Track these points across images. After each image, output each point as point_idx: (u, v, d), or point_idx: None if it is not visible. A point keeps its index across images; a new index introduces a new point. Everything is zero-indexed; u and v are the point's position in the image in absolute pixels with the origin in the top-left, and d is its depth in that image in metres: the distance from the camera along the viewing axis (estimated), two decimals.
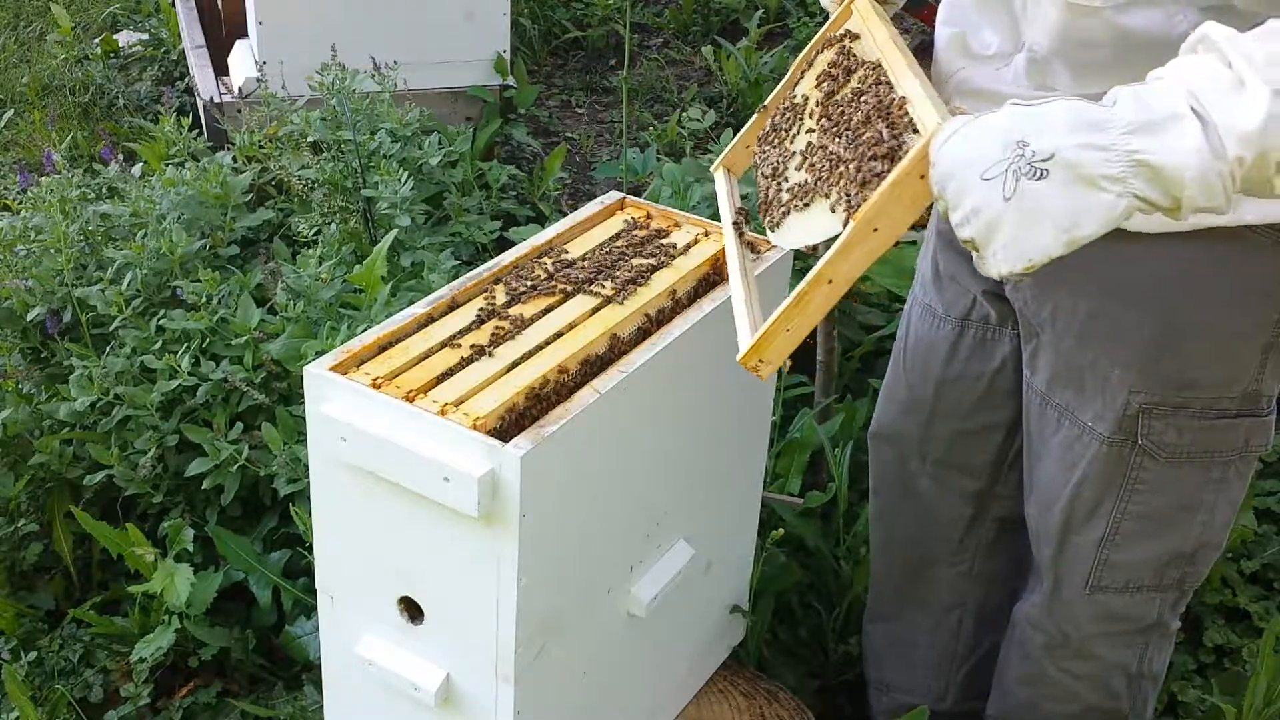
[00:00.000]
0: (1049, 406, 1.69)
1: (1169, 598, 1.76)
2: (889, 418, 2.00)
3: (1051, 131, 1.15)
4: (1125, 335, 1.57)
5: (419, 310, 1.60)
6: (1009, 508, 1.95)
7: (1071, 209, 1.15)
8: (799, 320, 1.31)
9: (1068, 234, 1.15)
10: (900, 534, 2.06)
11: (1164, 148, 1.13)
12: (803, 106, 1.58)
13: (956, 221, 1.20)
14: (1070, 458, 1.68)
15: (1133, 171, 1.14)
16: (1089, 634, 1.79)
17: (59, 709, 2.17)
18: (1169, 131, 1.13)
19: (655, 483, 1.69)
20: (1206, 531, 1.69)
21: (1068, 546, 1.74)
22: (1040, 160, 1.15)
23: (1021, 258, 1.17)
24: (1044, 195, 1.15)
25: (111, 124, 4.25)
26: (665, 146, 4.14)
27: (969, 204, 1.17)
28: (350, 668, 1.65)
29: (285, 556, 2.33)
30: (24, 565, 2.40)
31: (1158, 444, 1.61)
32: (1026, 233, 1.16)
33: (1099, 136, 1.14)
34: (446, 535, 1.44)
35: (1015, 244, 1.16)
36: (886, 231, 1.26)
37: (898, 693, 2.16)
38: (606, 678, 1.74)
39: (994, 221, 1.16)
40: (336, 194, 2.95)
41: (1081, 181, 1.14)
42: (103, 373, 2.41)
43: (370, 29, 3.71)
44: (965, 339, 1.85)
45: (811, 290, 1.29)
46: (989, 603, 2.06)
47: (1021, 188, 1.15)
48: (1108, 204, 1.15)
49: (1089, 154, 1.14)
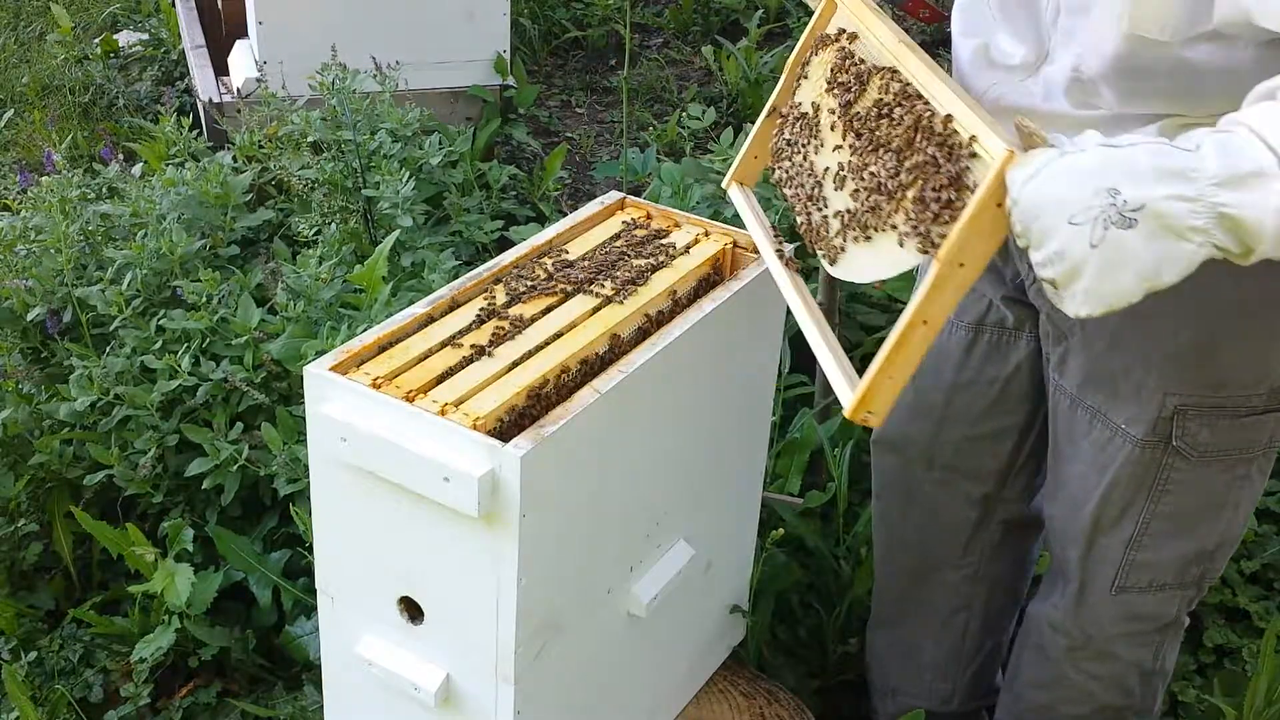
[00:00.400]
0: (1080, 408, 1.68)
1: (1188, 595, 1.77)
2: (894, 424, 1.97)
3: (1142, 179, 1.16)
4: (1160, 339, 1.57)
5: (419, 310, 1.60)
6: (1015, 510, 1.95)
7: (1156, 259, 1.17)
8: (900, 366, 1.29)
9: (1149, 281, 1.17)
10: (904, 539, 2.06)
11: (1249, 203, 1.15)
12: (815, 117, 1.54)
13: (1038, 261, 1.20)
14: (1102, 460, 1.67)
15: (1215, 223, 1.16)
16: (1111, 635, 1.80)
17: (59, 709, 2.17)
18: (1254, 188, 1.15)
19: (655, 483, 1.69)
20: (1230, 528, 1.70)
21: (1096, 548, 1.74)
22: (1130, 210, 1.16)
23: (1101, 302, 1.18)
24: (1131, 245, 1.16)
25: (111, 124, 4.25)
26: (665, 146, 4.14)
27: (1054, 246, 1.18)
28: (350, 668, 1.65)
29: (285, 556, 2.33)
30: (24, 565, 2.39)
31: (1191, 444, 1.61)
32: (1110, 280, 1.17)
33: (1187, 188, 1.15)
34: (446, 535, 1.44)
35: (1097, 289, 1.18)
36: (972, 265, 1.25)
37: (904, 697, 2.15)
38: (606, 678, 1.74)
39: (1078, 267, 1.17)
40: (337, 194, 2.95)
41: (1168, 232, 1.16)
42: (103, 373, 2.41)
43: (370, 29, 3.71)
44: (979, 344, 1.83)
45: (909, 334, 1.27)
46: (993, 604, 2.06)
47: (1110, 237, 1.16)
48: (1189, 253, 1.17)
49: (1177, 206, 1.15)
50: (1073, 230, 1.17)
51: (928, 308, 1.26)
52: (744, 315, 1.75)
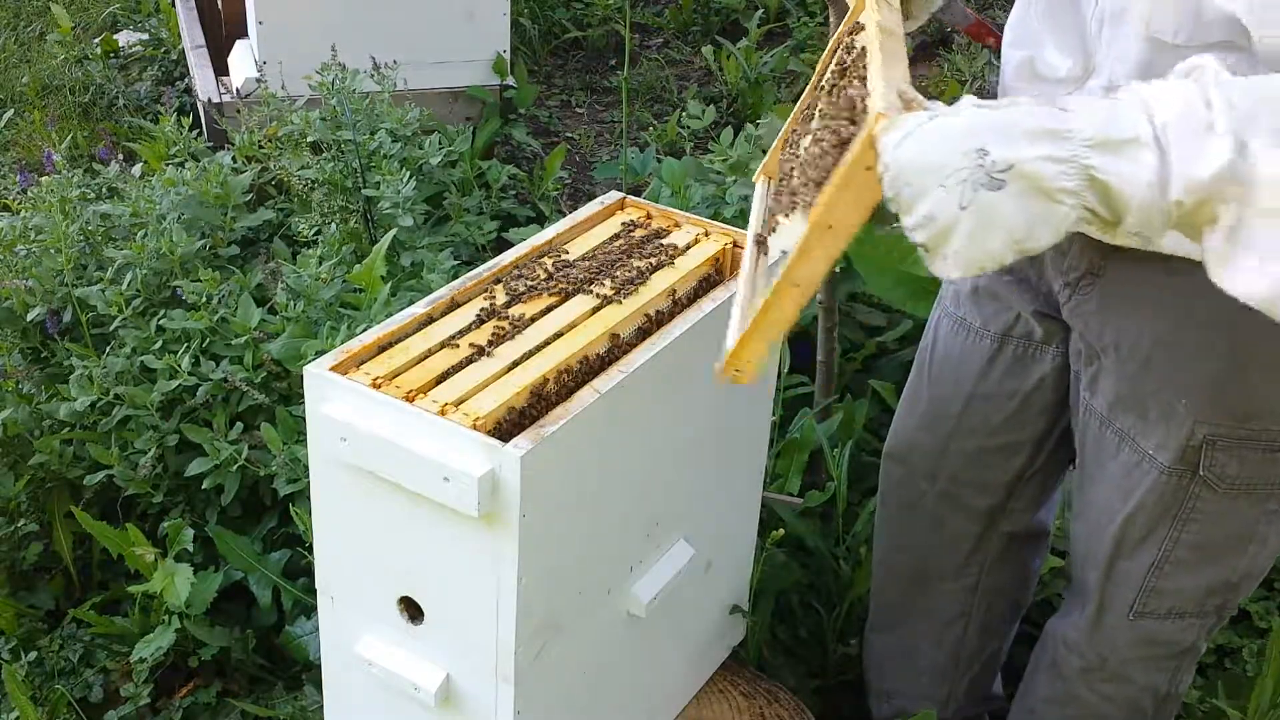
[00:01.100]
0: (1109, 430, 1.66)
1: (1207, 624, 1.75)
2: (906, 433, 1.97)
3: (1012, 140, 1.14)
4: (1192, 365, 1.54)
5: (419, 310, 1.60)
6: (1019, 522, 1.94)
7: (1027, 220, 1.15)
8: (770, 326, 1.29)
9: (1020, 244, 1.16)
10: (904, 548, 2.05)
11: (1119, 171, 1.13)
12: (810, 110, 1.54)
13: (909, 225, 1.19)
14: (1128, 484, 1.65)
15: (1086, 186, 1.14)
16: (1126, 658, 1.78)
17: (59, 709, 2.17)
18: (1126, 156, 1.13)
19: (655, 483, 1.69)
20: (1255, 561, 1.67)
21: (1115, 572, 1.72)
22: (999, 171, 1.14)
23: (972, 264, 1.17)
24: (1000, 206, 1.14)
25: (111, 124, 4.25)
26: (665, 146, 4.14)
27: (924, 210, 1.16)
28: (350, 668, 1.65)
29: (285, 556, 2.33)
30: (24, 565, 2.40)
31: (1219, 476, 1.59)
32: (980, 241, 1.16)
33: (1058, 149, 1.14)
34: (446, 535, 1.44)
35: (967, 251, 1.16)
36: (841, 228, 1.23)
37: (900, 700, 2.15)
38: (606, 678, 1.74)
39: (948, 229, 1.16)
40: (336, 194, 2.95)
41: (1038, 193, 1.14)
42: (103, 373, 2.41)
43: (370, 29, 3.71)
44: (1003, 355, 1.81)
45: (780, 296, 1.27)
46: (993, 612, 2.05)
47: (979, 199, 1.14)
48: (1061, 215, 1.15)
49: (1048, 166, 1.13)
50: (942, 193, 1.15)
51: (797, 270, 1.25)
52: None
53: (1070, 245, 1.60)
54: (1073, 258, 1.62)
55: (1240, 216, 1.12)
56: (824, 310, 2.54)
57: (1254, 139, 1.11)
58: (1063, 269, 1.64)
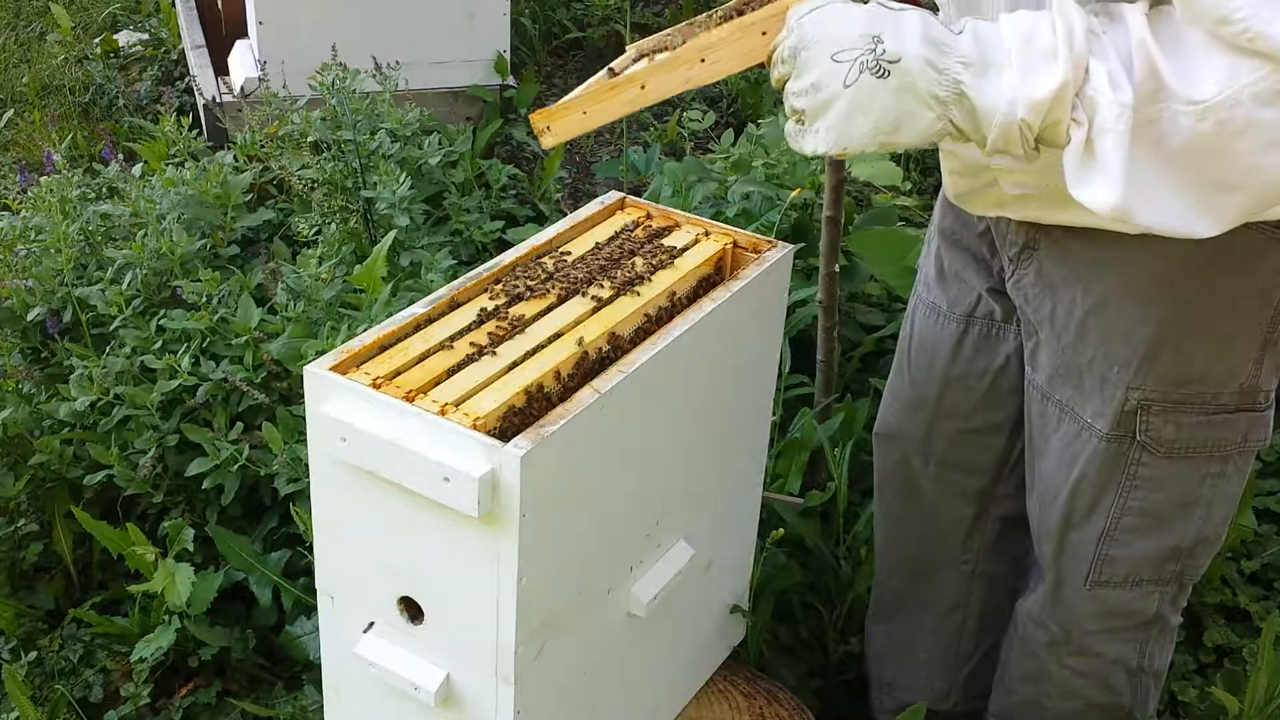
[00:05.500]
0: (1049, 403, 1.69)
1: (1168, 592, 1.76)
2: (893, 417, 2.00)
3: (906, 37, 1.24)
4: (1124, 333, 1.57)
5: (419, 310, 1.60)
6: (1012, 507, 1.95)
7: (896, 115, 1.25)
8: (599, 108, 1.36)
9: (885, 136, 1.26)
10: (903, 534, 2.07)
11: (982, 90, 1.23)
12: None
13: (794, 90, 1.28)
14: (1070, 454, 1.68)
15: (955, 100, 1.24)
16: (1089, 630, 1.80)
17: (59, 709, 2.17)
18: (990, 77, 1.24)
19: (655, 483, 1.69)
20: (1205, 526, 1.69)
21: (1068, 543, 1.74)
22: (888, 60, 1.24)
23: (838, 143, 1.27)
24: (878, 94, 1.24)
25: (111, 124, 4.25)
26: (666, 146, 4.14)
27: (811, 78, 1.26)
28: (350, 668, 1.65)
29: (285, 556, 2.33)
30: (24, 565, 2.40)
31: (1156, 440, 1.61)
32: (851, 121, 1.26)
33: (939, 58, 1.24)
34: (446, 535, 1.44)
35: (837, 128, 1.26)
36: (710, 66, 1.32)
37: (900, 692, 2.16)
38: (606, 678, 1.74)
39: (828, 102, 1.26)
40: (336, 194, 2.95)
41: (913, 93, 1.25)
42: (103, 373, 2.41)
43: (370, 29, 3.71)
44: (969, 336, 1.85)
45: (623, 86, 1.33)
46: (991, 602, 2.06)
47: (862, 81, 1.24)
48: (928, 121, 1.26)
49: (928, 71, 1.24)
50: (833, 66, 1.25)
51: (653, 75, 1.33)
52: (744, 315, 1.74)
53: (1009, 221, 1.65)
54: (1012, 233, 1.66)
55: (1088, 135, 1.23)
56: (824, 310, 2.55)
57: (1098, 64, 1.22)
58: (1005, 245, 1.69)
